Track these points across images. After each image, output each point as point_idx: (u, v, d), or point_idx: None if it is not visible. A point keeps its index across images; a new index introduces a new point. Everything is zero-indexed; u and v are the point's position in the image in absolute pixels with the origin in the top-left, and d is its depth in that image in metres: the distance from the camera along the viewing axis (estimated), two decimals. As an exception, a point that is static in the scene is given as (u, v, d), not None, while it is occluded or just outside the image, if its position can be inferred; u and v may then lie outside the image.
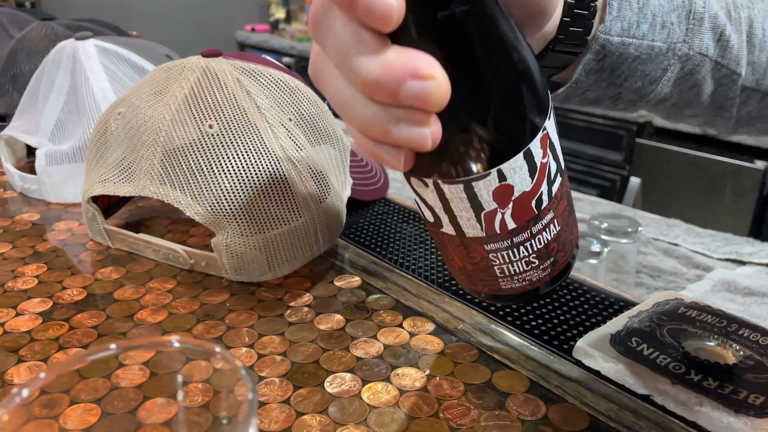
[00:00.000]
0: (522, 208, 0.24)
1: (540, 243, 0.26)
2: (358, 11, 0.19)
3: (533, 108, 0.23)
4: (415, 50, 0.20)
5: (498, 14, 0.22)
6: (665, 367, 0.35)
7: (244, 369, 0.20)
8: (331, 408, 0.33)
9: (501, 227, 0.25)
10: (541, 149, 0.24)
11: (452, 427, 0.32)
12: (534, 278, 0.27)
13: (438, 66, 0.20)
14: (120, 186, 0.47)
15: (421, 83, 0.19)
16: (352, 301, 0.44)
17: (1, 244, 0.51)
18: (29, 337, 0.39)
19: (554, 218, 0.26)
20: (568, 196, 0.27)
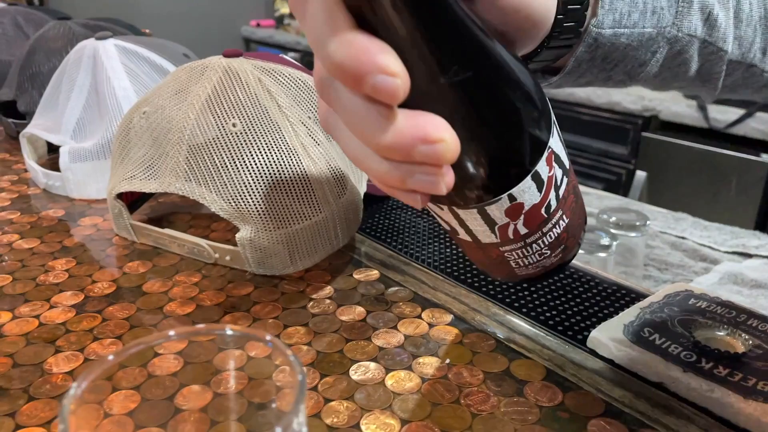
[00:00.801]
0: (533, 217, 0.26)
1: (551, 237, 0.28)
2: (364, 88, 0.19)
3: (538, 135, 0.24)
4: (422, 113, 0.20)
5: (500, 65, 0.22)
6: (677, 356, 0.36)
7: (293, 355, 0.21)
8: (357, 395, 0.35)
9: (514, 234, 0.27)
10: (547, 166, 0.25)
11: (474, 413, 0.34)
12: (547, 264, 0.29)
13: (446, 126, 0.20)
14: (146, 183, 0.49)
15: (432, 147, 0.20)
16: (371, 294, 0.46)
17: (29, 240, 0.53)
18: (64, 328, 0.40)
19: (563, 214, 0.27)
20: (574, 189, 0.28)
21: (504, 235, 0.26)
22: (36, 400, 0.34)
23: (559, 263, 0.29)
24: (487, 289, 0.46)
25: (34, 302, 0.43)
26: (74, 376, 0.36)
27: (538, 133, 0.24)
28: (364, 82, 0.19)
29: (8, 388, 0.35)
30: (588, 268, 0.49)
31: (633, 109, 1.74)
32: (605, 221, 0.76)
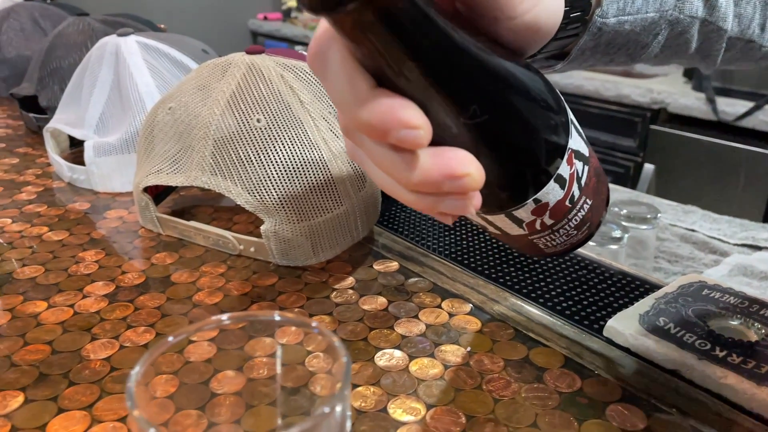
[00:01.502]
0: (558, 210, 0.27)
1: (577, 220, 0.29)
2: (389, 139, 0.20)
3: (556, 142, 0.25)
4: (446, 150, 0.21)
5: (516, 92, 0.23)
6: (692, 344, 0.37)
7: (339, 341, 0.23)
8: (383, 380, 0.36)
9: (541, 226, 0.28)
10: (568, 165, 0.26)
11: (495, 398, 0.35)
12: (575, 241, 0.30)
13: (470, 159, 0.21)
14: (173, 176, 0.50)
15: (459, 181, 0.21)
16: (391, 284, 0.47)
17: (58, 232, 0.54)
18: (99, 317, 0.42)
19: (586, 198, 0.29)
20: (595, 172, 0.29)
21: (531, 228, 0.28)
22: (76, 385, 0.35)
23: (586, 237, 0.30)
24: (504, 280, 0.47)
25: (67, 292, 0.45)
26: (111, 362, 0.37)
27: (557, 139, 0.25)
28: (389, 136, 0.20)
29: (49, 374, 0.36)
30: (602, 260, 0.51)
31: (641, 102, 1.74)
32: (616, 214, 0.77)
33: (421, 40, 0.19)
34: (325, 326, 0.41)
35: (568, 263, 0.50)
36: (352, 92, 0.20)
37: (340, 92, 0.21)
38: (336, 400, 0.20)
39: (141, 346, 0.39)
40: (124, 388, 0.35)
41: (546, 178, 0.26)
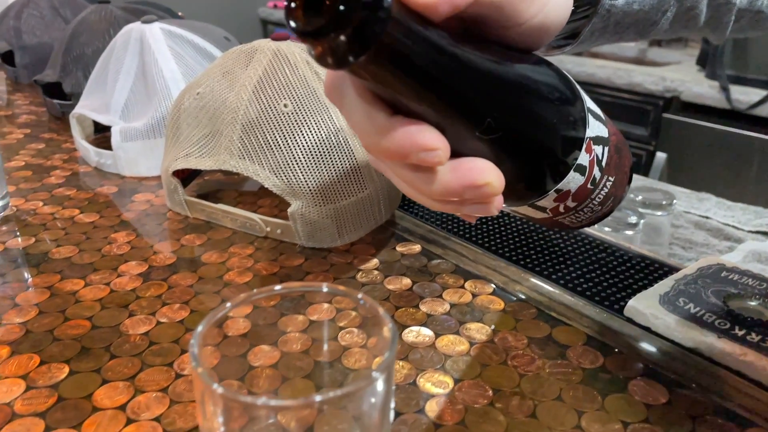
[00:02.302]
0: (580, 193, 0.28)
1: (600, 197, 0.30)
2: (409, 161, 0.21)
3: (574, 135, 0.26)
4: (466, 161, 0.22)
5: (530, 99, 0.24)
6: (711, 324, 0.39)
7: (383, 310, 0.24)
8: (411, 356, 0.38)
9: (565, 209, 0.29)
10: (587, 153, 0.27)
11: (521, 374, 0.36)
12: (599, 215, 0.31)
13: (489, 168, 0.22)
14: (201, 160, 0.51)
15: (480, 190, 0.22)
16: (415, 266, 0.48)
17: (89, 214, 0.56)
18: (135, 294, 0.44)
19: (608, 177, 0.30)
20: (616, 148, 0.30)
21: (555, 212, 0.29)
22: (118, 357, 0.37)
23: (610, 209, 0.31)
24: (525, 263, 0.48)
25: (102, 271, 0.46)
26: (150, 337, 0.39)
27: (574, 134, 0.26)
28: (409, 159, 0.21)
29: (91, 348, 0.38)
30: (621, 243, 0.52)
31: (654, 90, 1.73)
32: (632, 200, 0.78)
33: (428, 72, 0.20)
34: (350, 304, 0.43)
35: (588, 246, 0.51)
36: (370, 123, 0.22)
37: (359, 123, 0.22)
38: (385, 364, 0.21)
39: (177, 322, 0.41)
40: (164, 360, 0.37)
41: (565, 169, 0.26)
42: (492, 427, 0.32)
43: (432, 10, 0.19)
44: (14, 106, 0.90)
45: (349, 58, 0.18)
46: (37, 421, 0.32)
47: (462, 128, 0.22)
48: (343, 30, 0.18)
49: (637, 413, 0.33)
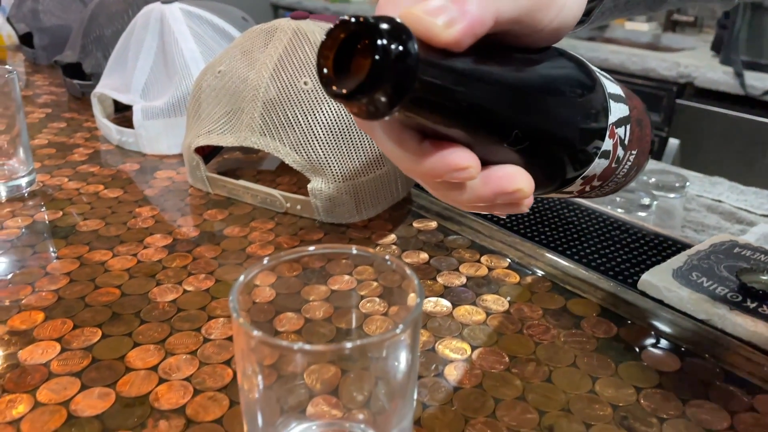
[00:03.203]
0: (605, 174, 0.29)
1: (624, 171, 0.31)
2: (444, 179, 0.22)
3: (597, 127, 0.27)
4: (495, 170, 0.23)
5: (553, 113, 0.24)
6: (723, 297, 0.39)
7: (410, 269, 0.25)
8: (430, 324, 0.39)
9: (591, 188, 0.30)
10: (610, 138, 0.28)
11: (536, 342, 0.37)
12: (624, 184, 0.32)
13: (519, 175, 0.23)
14: (223, 137, 0.52)
15: (511, 196, 0.23)
16: (431, 241, 0.49)
17: (113, 190, 0.57)
18: (161, 265, 0.45)
19: (631, 151, 0.30)
20: (637, 122, 0.31)
21: (581, 192, 0.30)
22: (148, 323, 0.39)
23: (635, 175, 0.32)
24: (540, 239, 0.49)
25: (129, 243, 0.48)
26: (177, 304, 0.40)
27: (598, 125, 0.27)
28: (443, 179, 0.22)
29: (122, 313, 0.39)
30: (635, 221, 0.52)
31: (667, 76, 1.72)
32: (645, 182, 0.78)
33: (457, 101, 0.21)
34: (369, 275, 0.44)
35: (603, 224, 0.52)
36: (402, 151, 0.22)
37: (391, 151, 0.23)
38: (412, 317, 0.22)
39: (203, 290, 0.42)
40: (192, 326, 0.38)
41: (590, 159, 0.27)
42: (509, 390, 0.33)
43: (455, 46, 0.20)
44: (34, 86, 0.91)
45: (386, 110, 0.19)
46: (73, 380, 0.34)
47: (491, 142, 0.23)
48: (378, 89, 0.18)
49: (649, 379, 0.34)
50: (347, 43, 0.19)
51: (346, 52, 0.20)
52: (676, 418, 0.31)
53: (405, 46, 0.18)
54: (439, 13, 0.19)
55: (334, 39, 0.19)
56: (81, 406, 0.32)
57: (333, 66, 0.20)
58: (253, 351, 0.22)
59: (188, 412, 0.31)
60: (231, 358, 0.36)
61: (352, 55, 0.19)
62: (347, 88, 0.19)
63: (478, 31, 0.20)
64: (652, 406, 0.32)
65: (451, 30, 0.19)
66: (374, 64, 0.18)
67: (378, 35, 0.18)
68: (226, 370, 0.35)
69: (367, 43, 0.18)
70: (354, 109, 0.20)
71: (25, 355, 0.35)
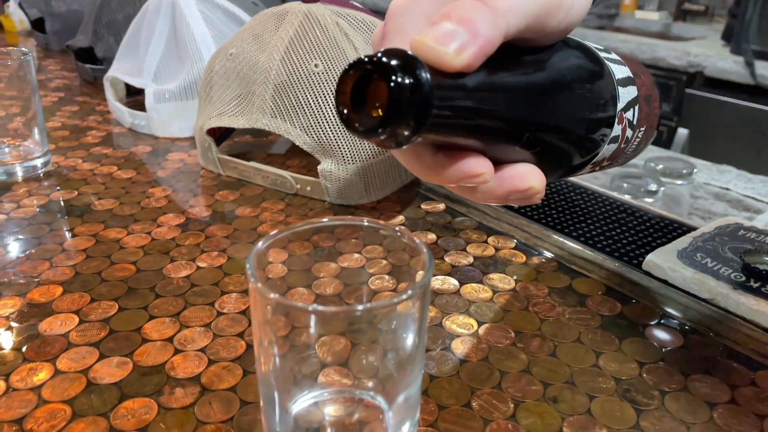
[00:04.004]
0: (615, 154, 0.30)
1: (633, 147, 0.31)
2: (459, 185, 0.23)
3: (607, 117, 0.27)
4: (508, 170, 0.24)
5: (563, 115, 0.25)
6: (727, 277, 0.40)
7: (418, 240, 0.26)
8: (437, 301, 0.40)
9: (600, 167, 0.30)
10: (619, 124, 0.28)
11: (541, 319, 0.38)
12: (632, 157, 0.33)
13: (530, 173, 0.24)
14: (234, 119, 0.53)
15: (523, 194, 0.24)
16: (439, 222, 0.50)
17: (127, 171, 0.58)
18: (174, 243, 0.46)
19: (639, 129, 0.31)
20: (645, 99, 0.31)
21: (592, 170, 0.30)
22: (163, 297, 0.40)
23: (643, 148, 0.33)
24: (546, 221, 0.50)
25: (143, 222, 0.49)
26: (191, 280, 0.41)
27: (607, 115, 0.27)
28: (460, 185, 0.23)
29: (137, 288, 0.41)
30: (641, 204, 0.53)
31: (677, 65, 1.71)
32: (652, 169, 0.79)
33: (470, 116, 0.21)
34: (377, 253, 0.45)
35: (609, 207, 0.52)
36: (418, 162, 0.23)
37: (407, 162, 0.24)
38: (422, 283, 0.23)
39: (216, 267, 0.43)
40: (205, 300, 0.39)
41: (600, 146, 0.28)
42: (514, 363, 0.34)
43: (467, 69, 0.20)
44: (46, 71, 0.93)
45: (406, 141, 0.20)
46: (91, 350, 0.35)
47: (503, 146, 0.24)
48: (396, 124, 0.19)
49: (652, 355, 0.35)
50: (363, 79, 0.20)
51: (362, 87, 0.20)
52: (678, 392, 0.32)
53: (418, 79, 0.19)
54: (449, 40, 0.20)
55: (349, 78, 0.20)
56: (100, 373, 0.33)
57: (351, 104, 0.20)
58: (269, 315, 0.23)
59: (203, 381, 0.32)
60: (244, 331, 0.37)
61: (369, 90, 0.20)
62: (366, 125, 0.20)
63: (488, 52, 0.20)
64: (654, 379, 0.33)
65: (462, 56, 0.20)
66: (390, 102, 0.19)
67: (391, 72, 0.19)
68: (240, 342, 0.36)
69: (381, 79, 0.19)
70: (376, 143, 0.20)
71: (44, 326, 0.37)
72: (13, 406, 0.31)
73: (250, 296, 0.24)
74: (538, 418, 0.30)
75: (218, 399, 0.31)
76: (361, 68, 0.20)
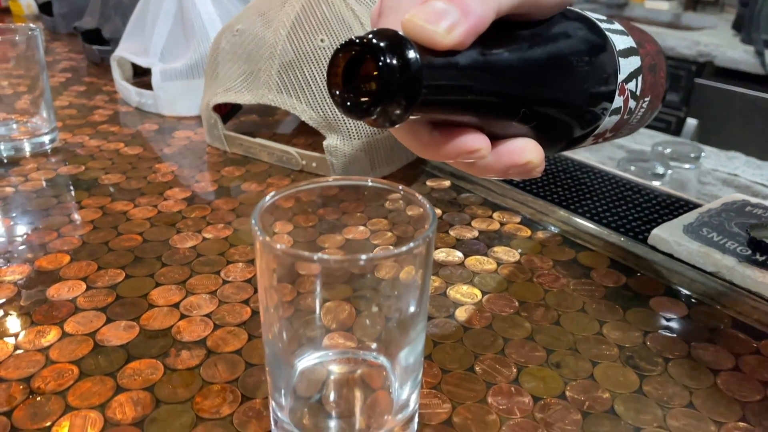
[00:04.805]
0: (618, 125, 0.30)
1: (638, 118, 0.31)
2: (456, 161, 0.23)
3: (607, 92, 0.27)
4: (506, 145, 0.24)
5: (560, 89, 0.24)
6: (733, 250, 0.40)
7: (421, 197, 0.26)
8: (441, 272, 0.40)
9: (604, 139, 0.30)
10: (620, 96, 0.28)
11: (545, 289, 0.38)
12: (638, 127, 0.33)
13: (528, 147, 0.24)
14: (241, 95, 0.53)
15: (522, 168, 0.24)
16: (445, 198, 0.50)
17: (133, 147, 0.59)
18: (180, 215, 0.46)
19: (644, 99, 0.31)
20: (650, 68, 0.31)
21: (595, 142, 0.30)
22: (169, 266, 0.40)
23: (650, 118, 0.33)
24: (552, 198, 0.50)
25: (149, 195, 0.49)
26: (197, 250, 0.42)
27: (608, 89, 0.27)
28: (458, 161, 0.24)
29: (143, 257, 0.41)
30: (647, 183, 0.53)
31: (687, 55, 1.70)
32: (660, 153, 0.78)
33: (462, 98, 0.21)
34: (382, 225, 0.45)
35: (616, 185, 0.52)
36: (415, 140, 0.24)
37: (405, 140, 0.24)
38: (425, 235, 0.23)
39: (222, 238, 0.43)
40: (211, 269, 0.40)
41: (601, 118, 0.27)
42: (518, 331, 0.34)
43: (459, 47, 0.20)
44: (54, 53, 0.93)
45: (399, 119, 0.20)
46: (98, 314, 0.35)
47: (500, 121, 0.24)
48: (387, 103, 0.19)
49: (656, 324, 0.35)
50: (354, 60, 0.20)
51: (354, 68, 0.20)
52: (682, 359, 0.32)
53: (407, 59, 0.19)
54: (439, 19, 0.20)
55: (340, 60, 0.20)
56: (107, 336, 0.33)
57: (343, 86, 0.20)
58: (274, 267, 0.24)
59: (209, 344, 0.33)
60: (249, 298, 0.37)
61: (361, 71, 0.20)
62: (358, 106, 0.20)
63: (480, 29, 0.20)
64: (657, 347, 0.33)
65: (453, 34, 0.20)
66: (380, 82, 0.19)
67: (380, 53, 0.19)
68: (245, 308, 0.36)
69: (371, 60, 0.19)
70: (369, 123, 0.20)
71: (52, 291, 0.37)
72: (21, 365, 0.31)
73: (256, 252, 0.24)
74: (541, 382, 0.30)
75: (223, 361, 0.32)
76: (351, 49, 0.20)
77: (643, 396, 0.30)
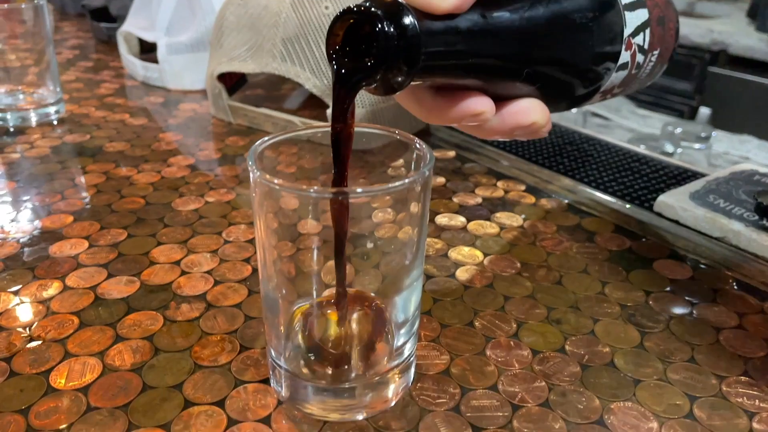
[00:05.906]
0: (626, 81, 0.29)
1: (646, 72, 0.31)
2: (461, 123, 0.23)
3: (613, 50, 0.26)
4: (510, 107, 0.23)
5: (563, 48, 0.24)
6: (740, 216, 0.39)
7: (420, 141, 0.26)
8: (444, 235, 0.40)
9: (612, 94, 0.30)
10: (627, 50, 0.27)
11: (548, 252, 0.38)
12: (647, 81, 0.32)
13: (533, 108, 0.23)
14: (245, 64, 0.53)
15: (527, 129, 0.24)
16: (449, 168, 0.50)
17: (138, 118, 0.59)
18: (183, 181, 0.46)
19: (652, 53, 0.30)
20: (658, 21, 0.30)
21: (603, 98, 0.30)
22: (171, 227, 0.40)
23: (659, 71, 0.32)
24: (557, 168, 0.49)
25: (153, 162, 0.49)
26: (199, 212, 0.42)
27: (613, 47, 0.26)
28: (462, 124, 0.23)
29: (146, 218, 0.41)
30: (654, 155, 0.52)
31: (700, 43, 1.67)
32: (670, 132, 0.77)
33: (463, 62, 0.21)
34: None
35: (623, 156, 0.52)
36: (419, 106, 0.24)
37: (409, 106, 0.24)
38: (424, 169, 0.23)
39: (224, 202, 0.43)
40: (213, 230, 0.40)
41: (607, 75, 0.27)
42: (519, 290, 0.34)
43: (457, 10, 0.20)
44: (62, 32, 0.93)
45: (400, 86, 0.20)
46: (100, 270, 0.35)
47: (504, 83, 0.23)
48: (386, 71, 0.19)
49: (660, 284, 0.34)
50: (353, 28, 0.20)
51: (353, 36, 0.20)
52: (684, 317, 0.32)
53: (404, 26, 0.19)
54: None
55: (338, 29, 0.20)
56: (108, 290, 0.33)
57: (342, 54, 0.20)
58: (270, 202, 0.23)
59: (209, 298, 0.33)
60: (250, 257, 0.37)
61: (359, 39, 0.20)
62: (358, 75, 0.20)
63: None
64: (660, 306, 0.32)
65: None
66: (378, 49, 0.19)
67: (377, 20, 0.19)
68: (246, 266, 0.36)
69: (368, 28, 0.19)
70: (370, 91, 0.20)
71: (55, 249, 0.37)
72: (22, 315, 0.31)
73: (253, 193, 0.24)
74: (541, 337, 0.30)
75: (223, 314, 0.32)
76: (349, 18, 0.20)
77: (644, 351, 0.29)
